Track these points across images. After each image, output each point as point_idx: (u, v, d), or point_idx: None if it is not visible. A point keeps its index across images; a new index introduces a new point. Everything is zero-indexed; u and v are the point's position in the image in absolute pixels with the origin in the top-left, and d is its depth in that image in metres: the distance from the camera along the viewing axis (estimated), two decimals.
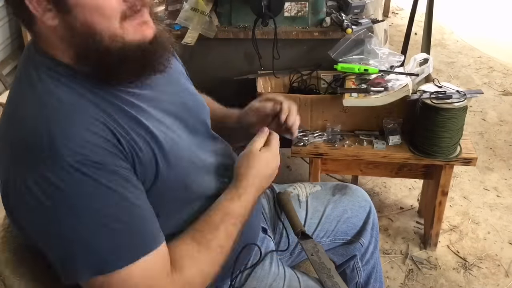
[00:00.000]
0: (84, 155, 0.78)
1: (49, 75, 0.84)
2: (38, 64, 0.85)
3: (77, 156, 0.77)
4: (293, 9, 2.03)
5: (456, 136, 1.75)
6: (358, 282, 1.40)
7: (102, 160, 0.79)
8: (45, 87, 0.83)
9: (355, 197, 1.38)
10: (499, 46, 3.99)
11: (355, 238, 1.36)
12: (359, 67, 1.85)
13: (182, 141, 0.96)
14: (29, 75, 0.85)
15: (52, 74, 0.84)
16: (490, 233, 2.15)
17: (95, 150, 0.79)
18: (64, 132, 0.78)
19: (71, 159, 0.77)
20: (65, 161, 0.77)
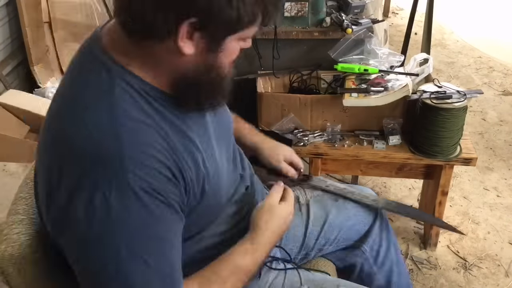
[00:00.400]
0: (149, 182, 0.78)
1: (125, 89, 0.82)
2: (114, 74, 0.82)
3: (143, 183, 0.78)
4: (293, 9, 2.03)
5: (456, 136, 1.75)
6: (377, 284, 1.37)
7: (163, 189, 0.80)
8: (118, 102, 0.81)
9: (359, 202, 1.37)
10: (499, 46, 4.00)
11: (358, 243, 1.35)
12: (359, 67, 1.85)
13: (222, 164, 0.99)
14: (102, 83, 0.82)
15: (128, 89, 0.82)
16: (490, 233, 2.15)
17: (157, 177, 0.80)
18: (134, 156, 0.78)
19: (136, 186, 0.77)
20: (130, 186, 0.77)
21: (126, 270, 0.79)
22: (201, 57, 0.82)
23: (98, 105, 0.80)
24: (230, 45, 0.84)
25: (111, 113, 0.80)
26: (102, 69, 0.83)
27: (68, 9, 2.80)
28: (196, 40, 0.80)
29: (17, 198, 1.04)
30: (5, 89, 2.50)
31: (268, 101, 1.93)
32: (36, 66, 2.68)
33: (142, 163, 0.78)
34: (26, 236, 0.96)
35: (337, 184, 1.41)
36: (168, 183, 0.82)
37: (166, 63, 0.83)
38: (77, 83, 0.85)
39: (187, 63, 0.82)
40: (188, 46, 0.79)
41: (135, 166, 0.78)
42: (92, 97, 0.82)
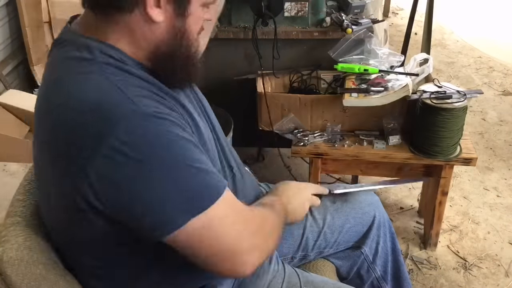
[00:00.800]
0: (159, 109, 0.82)
1: (106, 61, 0.84)
2: (93, 48, 0.84)
3: (154, 109, 0.81)
4: (293, 9, 2.03)
5: (456, 136, 1.75)
6: (376, 277, 1.39)
7: (173, 117, 0.83)
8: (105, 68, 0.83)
9: (357, 203, 1.36)
10: (499, 46, 4.00)
11: (357, 244, 1.35)
12: (359, 67, 1.85)
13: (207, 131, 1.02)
14: (84, 57, 0.84)
15: (109, 60, 0.84)
16: (490, 233, 2.15)
17: (162, 107, 0.83)
18: (138, 96, 0.81)
19: (151, 110, 0.80)
20: (146, 113, 0.79)
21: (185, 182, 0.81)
22: (171, 24, 0.86)
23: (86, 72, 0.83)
24: (195, 10, 0.87)
25: (101, 74, 0.82)
26: (82, 48, 0.85)
27: (68, 9, 2.80)
28: (163, 7, 0.83)
29: (14, 200, 1.04)
30: (5, 89, 2.50)
31: (268, 101, 1.93)
32: (36, 66, 2.68)
33: (145, 96, 0.82)
34: (24, 238, 0.95)
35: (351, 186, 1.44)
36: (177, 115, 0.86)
37: (140, 34, 0.86)
38: (59, 68, 0.87)
39: (159, 32, 0.86)
40: (157, 13, 0.83)
41: (139, 99, 0.80)
42: (77, 69, 0.84)
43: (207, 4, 0.90)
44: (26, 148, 2.12)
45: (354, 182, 2.29)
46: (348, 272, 1.38)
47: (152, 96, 0.84)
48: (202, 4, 0.88)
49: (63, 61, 0.87)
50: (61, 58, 0.88)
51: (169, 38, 0.87)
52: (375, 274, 1.38)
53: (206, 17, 0.92)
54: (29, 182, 1.08)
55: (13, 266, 0.92)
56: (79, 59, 0.84)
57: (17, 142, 2.16)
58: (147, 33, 0.85)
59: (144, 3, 0.82)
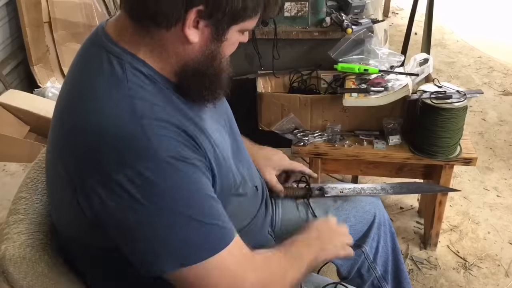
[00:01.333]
0: (176, 151, 0.81)
1: (135, 75, 0.84)
2: (124, 62, 0.84)
3: (170, 152, 0.80)
4: (293, 9, 2.03)
5: (456, 136, 1.75)
6: (377, 276, 1.39)
7: (189, 155, 0.83)
8: (132, 87, 0.83)
9: (358, 202, 1.37)
10: (499, 46, 4.00)
11: (358, 243, 1.35)
12: (359, 67, 1.85)
13: (227, 146, 1.02)
14: (114, 72, 0.84)
15: (138, 74, 0.84)
16: (490, 233, 2.15)
17: (181, 146, 0.82)
18: (156, 131, 0.80)
19: (165, 155, 0.79)
20: (160, 157, 0.79)
21: (180, 232, 0.81)
22: (205, 46, 0.85)
23: (113, 90, 0.82)
24: (232, 36, 0.87)
25: (126, 97, 0.81)
26: (112, 58, 0.84)
27: (68, 9, 2.81)
28: (201, 29, 0.83)
29: (17, 198, 1.04)
30: (5, 89, 2.50)
31: (268, 101, 1.93)
32: (36, 66, 2.68)
33: (163, 135, 0.81)
34: (26, 236, 0.96)
35: (347, 186, 1.42)
36: (191, 151, 0.84)
37: (172, 51, 0.85)
38: (86, 75, 0.87)
39: (192, 51, 0.85)
40: (193, 34, 0.82)
41: (159, 138, 0.80)
42: (105, 84, 0.83)
43: (244, 30, 0.90)
44: (26, 148, 2.12)
45: (354, 182, 2.29)
46: (349, 271, 1.38)
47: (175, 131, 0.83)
48: (239, 30, 0.88)
49: (92, 70, 0.86)
50: (91, 63, 0.87)
51: (200, 58, 0.86)
52: (375, 274, 1.38)
53: (241, 40, 0.92)
54: (32, 180, 1.08)
55: (16, 264, 0.92)
56: (108, 73, 0.83)
57: (17, 142, 2.15)
58: (180, 51, 0.85)
59: (183, 23, 0.81)
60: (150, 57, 0.85)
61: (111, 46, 0.85)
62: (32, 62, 2.66)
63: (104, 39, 0.87)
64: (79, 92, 0.86)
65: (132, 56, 0.84)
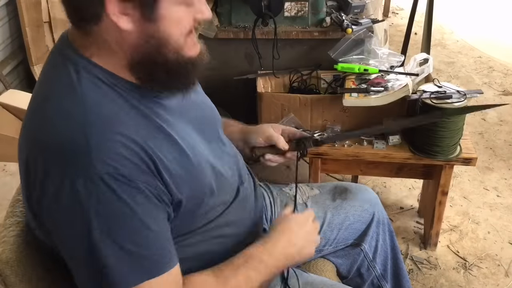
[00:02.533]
0: (116, 168, 0.78)
1: (92, 81, 0.83)
2: (79, 67, 0.84)
3: (109, 169, 0.78)
4: (293, 9, 2.03)
5: (456, 136, 1.75)
6: (376, 275, 1.39)
7: (132, 174, 0.80)
8: (86, 92, 0.82)
9: (356, 200, 1.36)
10: (499, 46, 3.99)
11: (357, 242, 1.35)
12: (359, 67, 1.85)
13: (202, 149, 0.98)
14: (69, 77, 0.83)
15: (94, 80, 0.83)
16: (490, 233, 2.15)
17: (124, 163, 0.79)
18: (100, 143, 0.79)
19: (103, 172, 0.77)
20: (96, 172, 0.77)
21: (98, 253, 0.79)
22: (141, 29, 0.81)
23: (65, 97, 0.82)
24: (169, 12, 0.81)
25: (77, 104, 0.81)
26: (69, 64, 0.84)
27: None
28: (131, 14, 0.79)
29: (14, 201, 1.04)
30: (5, 89, 2.50)
31: (268, 101, 1.93)
32: (36, 66, 2.68)
33: (108, 149, 0.79)
34: (23, 239, 0.95)
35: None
36: (139, 171, 0.81)
37: (114, 44, 0.82)
38: (46, 80, 0.88)
39: (131, 40, 0.82)
40: (123, 20, 0.79)
41: (101, 152, 0.78)
42: (59, 90, 0.84)
43: (186, 2, 0.83)
44: None
45: (354, 182, 2.28)
46: (349, 270, 1.38)
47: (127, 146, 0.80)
48: (178, 3, 0.81)
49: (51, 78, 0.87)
50: (50, 71, 0.88)
51: (143, 45, 0.82)
52: (375, 273, 1.38)
53: (198, 17, 0.86)
54: None
55: (13, 267, 0.92)
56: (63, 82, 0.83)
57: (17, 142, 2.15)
58: (120, 42, 0.82)
59: (106, 12, 0.78)
60: (100, 57, 0.84)
61: (69, 52, 0.85)
62: (32, 62, 2.66)
63: (64, 45, 0.87)
64: (37, 101, 0.87)
65: (87, 61, 0.84)
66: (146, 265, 0.82)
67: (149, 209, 0.83)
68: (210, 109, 1.10)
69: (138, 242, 0.82)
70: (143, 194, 0.81)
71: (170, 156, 0.87)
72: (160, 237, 0.85)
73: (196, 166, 0.92)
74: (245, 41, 2.06)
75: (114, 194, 0.78)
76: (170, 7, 0.80)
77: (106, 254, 0.79)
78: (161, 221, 0.86)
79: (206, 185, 0.96)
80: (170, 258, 0.86)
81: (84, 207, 0.78)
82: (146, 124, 0.86)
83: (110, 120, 0.81)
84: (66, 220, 0.80)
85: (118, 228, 0.80)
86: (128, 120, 0.83)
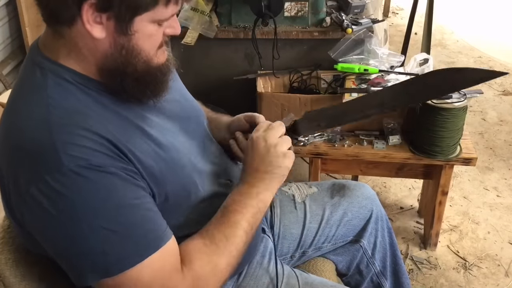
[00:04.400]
0: (85, 159, 0.79)
1: (57, 82, 0.84)
2: (45, 70, 0.85)
3: (79, 161, 0.79)
4: (293, 9, 2.03)
5: (456, 136, 1.75)
6: (375, 272, 1.39)
7: (102, 162, 0.80)
8: (50, 94, 0.83)
9: (354, 197, 1.37)
10: (499, 46, 3.99)
11: (355, 238, 1.36)
12: (359, 67, 1.85)
13: (182, 146, 0.98)
14: (35, 80, 0.85)
15: (60, 81, 0.84)
16: (490, 233, 2.15)
17: (94, 154, 0.80)
18: (64, 138, 0.80)
19: (72, 164, 0.78)
20: (66, 167, 0.78)
21: (90, 243, 0.80)
22: (114, 40, 0.82)
23: (29, 100, 0.84)
24: (143, 28, 0.83)
25: (41, 105, 0.82)
26: (36, 68, 0.86)
27: None
28: (105, 23, 0.80)
29: None
30: (5, 89, 2.50)
31: (268, 101, 1.93)
32: None
33: (73, 143, 0.79)
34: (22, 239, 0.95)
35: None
36: (111, 159, 0.82)
37: (85, 49, 0.84)
38: (15, 88, 0.90)
39: (103, 48, 0.83)
40: (97, 29, 0.80)
41: (67, 147, 0.79)
42: (24, 94, 0.85)
43: (158, 21, 0.84)
44: None
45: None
46: (348, 267, 1.38)
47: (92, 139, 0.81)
48: (152, 20, 0.83)
49: (21, 83, 0.89)
50: (21, 76, 0.90)
51: (114, 54, 0.83)
52: (374, 269, 1.38)
53: (168, 32, 0.88)
54: None
55: (12, 268, 0.92)
56: (31, 86, 0.85)
57: None
58: (92, 48, 0.83)
59: (81, 19, 0.79)
60: (70, 59, 0.85)
61: (38, 57, 0.87)
62: None
63: (34, 52, 0.88)
64: (8, 106, 0.88)
65: (54, 64, 0.85)
66: (142, 243, 0.83)
67: (131, 190, 0.84)
68: (191, 106, 1.10)
69: (127, 223, 0.82)
70: (121, 178, 0.82)
71: (143, 150, 0.87)
72: (149, 214, 0.86)
73: (174, 161, 0.93)
74: (245, 41, 2.06)
75: (90, 182, 0.79)
76: (143, 23, 0.82)
77: (98, 242, 0.80)
78: (146, 199, 0.86)
79: (188, 180, 0.96)
80: (164, 232, 0.87)
81: (63, 201, 0.78)
82: (115, 119, 0.87)
83: (72, 116, 0.82)
84: (49, 220, 0.80)
85: (103, 214, 0.80)
86: (94, 115, 0.84)
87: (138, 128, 0.89)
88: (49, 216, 0.79)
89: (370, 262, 1.38)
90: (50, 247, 0.84)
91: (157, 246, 0.84)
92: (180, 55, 2.13)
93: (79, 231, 0.79)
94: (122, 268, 0.81)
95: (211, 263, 0.90)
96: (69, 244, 0.81)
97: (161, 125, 0.94)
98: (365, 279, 1.40)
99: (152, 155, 0.89)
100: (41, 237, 0.84)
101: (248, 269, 1.17)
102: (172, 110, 1.00)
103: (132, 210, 0.83)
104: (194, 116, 1.09)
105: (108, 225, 0.80)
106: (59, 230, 0.80)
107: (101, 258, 0.81)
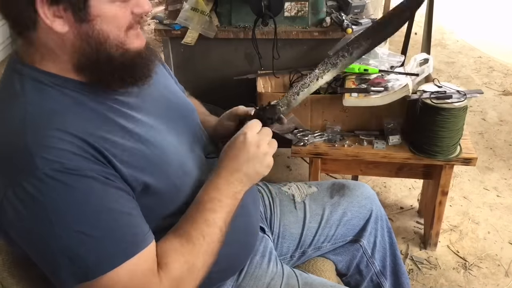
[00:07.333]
0: (60, 162, 0.78)
1: (35, 86, 0.84)
2: (24, 76, 0.85)
3: (53, 164, 0.78)
4: (293, 9, 2.03)
5: (456, 136, 1.75)
6: (375, 272, 1.40)
7: (78, 165, 0.80)
8: (28, 99, 0.83)
9: (354, 197, 1.38)
10: (499, 46, 3.99)
11: (355, 238, 1.36)
12: (359, 67, 1.85)
13: (169, 143, 0.97)
14: (13, 87, 0.85)
15: (38, 85, 0.85)
16: (490, 233, 2.15)
17: (70, 157, 0.80)
18: (37, 141, 0.79)
19: (47, 168, 0.78)
20: (41, 171, 0.77)
21: (70, 248, 0.79)
22: (77, 31, 0.81)
23: (7, 107, 0.84)
24: (103, 10, 0.81)
25: (17, 110, 0.82)
26: (14, 74, 0.86)
27: None
28: (64, 16, 0.80)
29: None
30: None
31: (268, 101, 1.93)
32: None
33: (49, 146, 0.79)
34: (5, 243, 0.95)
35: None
36: (87, 161, 0.81)
37: (56, 48, 0.84)
38: None
39: (71, 42, 0.82)
40: (58, 23, 0.80)
41: (42, 150, 0.78)
42: (3, 101, 0.86)
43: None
44: None
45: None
46: (348, 267, 1.39)
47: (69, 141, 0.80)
48: (110, 1, 0.81)
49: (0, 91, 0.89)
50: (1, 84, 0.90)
51: (83, 45, 0.83)
52: (374, 269, 1.38)
53: (137, 11, 0.86)
54: None
55: (10, 269, 0.92)
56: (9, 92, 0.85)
57: None
58: (61, 45, 0.83)
59: (39, 17, 0.79)
60: (46, 62, 0.85)
61: (15, 64, 0.87)
62: None
63: (12, 60, 0.89)
64: None
65: (31, 69, 0.85)
66: (121, 247, 0.82)
67: (110, 193, 0.83)
68: (182, 103, 1.10)
69: (105, 227, 0.81)
70: (99, 181, 0.81)
71: (124, 146, 0.87)
72: (128, 218, 0.85)
73: (159, 157, 0.92)
74: (245, 41, 2.06)
75: (65, 186, 0.78)
76: (102, 5, 0.81)
77: (73, 246, 0.79)
78: (126, 202, 0.85)
79: (174, 178, 0.95)
80: (144, 236, 0.86)
81: (37, 206, 0.78)
82: (94, 119, 0.86)
83: (46, 118, 0.82)
84: (24, 224, 0.80)
85: (78, 218, 0.80)
86: (72, 116, 0.83)
87: (117, 125, 0.88)
88: (24, 221, 0.79)
89: (369, 262, 1.38)
90: (29, 251, 0.84)
91: (135, 250, 0.83)
92: (180, 55, 2.13)
93: (53, 236, 0.79)
94: (98, 273, 0.80)
95: (187, 263, 0.90)
96: (45, 249, 0.81)
97: (145, 122, 0.93)
98: (365, 279, 1.40)
99: (135, 151, 0.88)
100: (20, 241, 0.83)
101: (248, 269, 1.17)
102: (158, 107, 0.99)
103: (111, 214, 0.82)
104: (185, 115, 1.08)
105: (84, 229, 0.80)
106: (34, 235, 0.80)
107: (77, 263, 0.80)
